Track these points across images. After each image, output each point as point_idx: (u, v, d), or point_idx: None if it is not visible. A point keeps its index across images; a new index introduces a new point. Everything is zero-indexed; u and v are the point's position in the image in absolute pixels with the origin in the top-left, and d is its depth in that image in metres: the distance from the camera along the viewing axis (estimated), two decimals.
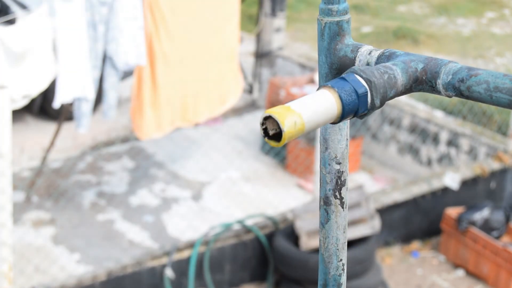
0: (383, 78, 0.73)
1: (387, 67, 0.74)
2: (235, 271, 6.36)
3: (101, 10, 5.92)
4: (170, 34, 6.48)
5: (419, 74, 0.75)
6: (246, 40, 9.94)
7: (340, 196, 0.85)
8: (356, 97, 0.71)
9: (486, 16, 13.89)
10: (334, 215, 0.86)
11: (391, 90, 0.74)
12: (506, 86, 0.70)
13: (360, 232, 6.10)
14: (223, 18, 6.98)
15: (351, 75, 0.72)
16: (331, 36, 0.78)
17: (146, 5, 6.26)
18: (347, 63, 0.78)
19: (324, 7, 0.77)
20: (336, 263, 0.88)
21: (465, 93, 0.72)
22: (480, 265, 6.70)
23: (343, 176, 0.85)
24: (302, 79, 8.60)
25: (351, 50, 0.78)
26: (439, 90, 0.74)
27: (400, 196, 6.93)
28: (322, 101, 0.70)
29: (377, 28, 13.00)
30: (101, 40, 5.99)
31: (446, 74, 0.74)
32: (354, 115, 0.72)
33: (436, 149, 8.17)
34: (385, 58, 0.76)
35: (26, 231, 6.82)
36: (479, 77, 0.72)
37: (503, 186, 7.53)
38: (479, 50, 11.88)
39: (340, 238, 0.86)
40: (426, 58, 0.75)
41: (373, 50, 0.77)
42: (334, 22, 0.78)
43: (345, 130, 0.82)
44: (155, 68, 6.49)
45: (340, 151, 0.83)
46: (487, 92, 0.71)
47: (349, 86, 0.71)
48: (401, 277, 6.72)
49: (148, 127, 6.59)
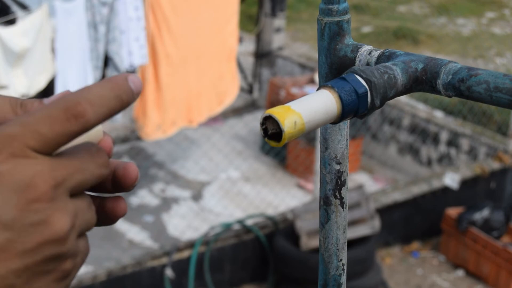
0: (383, 78, 0.72)
1: (387, 67, 0.74)
2: (235, 271, 6.36)
3: (102, 11, 5.92)
4: (172, 35, 6.49)
5: (419, 74, 0.75)
6: (246, 40, 9.94)
7: (340, 196, 0.85)
8: (356, 97, 0.71)
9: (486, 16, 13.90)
10: (334, 215, 0.86)
11: (391, 90, 0.74)
12: (506, 86, 0.70)
13: (360, 232, 6.11)
14: (223, 18, 6.99)
15: (351, 75, 0.72)
16: (331, 36, 0.78)
17: (148, 6, 6.27)
18: (347, 63, 0.78)
19: (324, 7, 0.77)
20: (336, 263, 0.87)
21: (465, 93, 0.72)
22: (480, 265, 6.70)
23: (343, 176, 0.85)
24: (302, 79, 8.60)
25: (351, 50, 0.78)
26: (439, 90, 0.74)
27: (400, 196, 6.93)
28: (322, 101, 0.70)
29: (377, 28, 13.00)
30: (102, 40, 5.99)
31: (446, 74, 0.74)
32: (354, 115, 0.72)
33: (436, 149, 8.18)
34: (385, 58, 0.76)
35: None
36: (479, 77, 0.72)
37: (503, 186, 7.53)
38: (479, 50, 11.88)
39: (340, 238, 0.86)
40: (426, 58, 0.75)
41: (373, 50, 0.77)
42: (334, 22, 0.78)
43: (345, 130, 0.82)
44: (158, 68, 6.50)
45: (340, 151, 0.83)
46: (487, 92, 0.71)
47: (349, 86, 0.71)
48: (401, 277, 6.72)
49: (152, 128, 6.60)
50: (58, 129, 0.56)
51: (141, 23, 6.12)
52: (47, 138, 0.56)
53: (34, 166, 0.56)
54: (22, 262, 0.55)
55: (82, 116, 0.57)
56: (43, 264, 0.57)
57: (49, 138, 0.56)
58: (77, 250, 0.59)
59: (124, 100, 0.59)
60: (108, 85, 0.59)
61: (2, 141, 0.56)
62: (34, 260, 0.56)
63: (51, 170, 0.56)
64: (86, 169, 0.59)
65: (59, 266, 0.58)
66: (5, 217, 0.55)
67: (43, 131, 0.56)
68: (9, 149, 0.55)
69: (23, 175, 0.55)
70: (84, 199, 0.59)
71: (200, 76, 6.86)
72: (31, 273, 0.56)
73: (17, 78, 5.62)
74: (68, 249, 0.57)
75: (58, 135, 0.57)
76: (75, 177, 0.58)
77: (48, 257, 0.57)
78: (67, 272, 0.58)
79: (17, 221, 0.55)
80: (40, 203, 0.55)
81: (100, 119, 0.58)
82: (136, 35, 6.11)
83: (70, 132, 0.57)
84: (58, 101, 0.57)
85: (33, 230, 0.55)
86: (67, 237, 0.57)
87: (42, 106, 0.58)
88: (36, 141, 0.56)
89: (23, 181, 0.55)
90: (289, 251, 6.10)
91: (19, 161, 0.55)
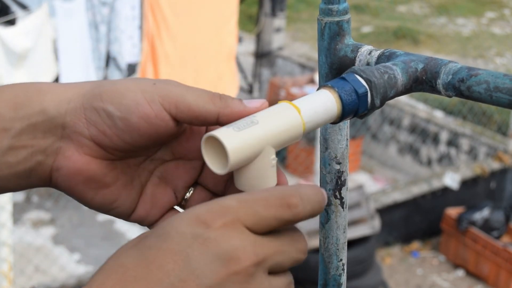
0: (383, 78, 0.72)
1: (387, 67, 0.74)
2: None
3: (102, 10, 5.92)
4: (171, 35, 6.49)
5: (419, 74, 0.75)
6: (246, 40, 9.94)
7: (340, 196, 0.85)
8: (356, 97, 0.71)
9: (486, 16, 13.90)
10: (334, 215, 0.86)
11: (391, 90, 0.74)
12: (506, 86, 0.70)
13: (360, 232, 6.11)
14: (222, 18, 6.99)
15: (351, 75, 0.72)
16: (331, 36, 0.78)
17: (147, 5, 6.27)
18: (347, 63, 0.78)
19: (324, 7, 0.77)
20: (336, 263, 0.87)
21: (465, 93, 0.72)
22: (480, 265, 6.70)
23: (343, 176, 0.85)
24: (302, 79, 8.61)
25: (351, 50, 0.78)
26: (439, 90, 0.74)
27: (400, 196, 6.93)
28: (322, 101, 0.70)
29: (377, 28, 13.00)
30: (104, 40, 5.99)
31: (446, 74, 0.74)
32: (354, 115, 0.72)
33: (436, 149, 8.18)
34: (385, 58, 0.76)
35: (26, 231, 6.82)
36: (479, 77, 0.72)
37: (503, 186, 7.53)
38: (479, 50, 11.89)
39: (340, 238, 0.86)
40: (426, 58, 0.75)
41: (373, 50, 0.77)
42: (334, 22, 0.78)
43: (345, 130, 0.83)
44: (158, 68, 6.50)
45: (340, 151, 0.83)
46: (487, 92, 0.71)
47: (349, 86, 0.71)
48: (401, 277, 6.72)
49: None
50: (272, 212, 0.60)
51: (136, 22, 6.12)
52: (261, 217, 0.59)
53: (240, 240, 0.58)
54: None
55: (295, 207, 0.60)
56: None
57: (262, 218, 0.59)
58: None
59: (319, 209, 0.62)
60: (316, 189, 0.63)
61: (219, 211, 0.59)
62: None
63: (255, 247, 0.59)
64: (287, 251, 0.61)
65: None
66: (206, 281, 0.57)
67: (258, 210, 0.59)
68: (223, 219, 0.58)
69: (229, 245, 0.58)
70: (281, 278, 0.62)
71: (199, 76, 6.86)
72: None
73: (19, 79, 5.62)
74: None
75: (271, 218, 0.60)
76: (275, 258, 0.60)
77: None
78: None
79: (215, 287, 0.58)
80: (239, 277, 0.58)
81: (306, 215, 0.61)
82: (131, 33, 6.11)
83: (281, 218, 0.60)
84: (275, 189, 0.61)
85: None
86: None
87: (259, 191, 0.62)
88: (249, 217, 0.59)
89: (228, 251, 0.58)
90: None
91: (228, 232, 0.58)
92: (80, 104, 0.67)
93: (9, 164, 0.68)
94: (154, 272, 0.57)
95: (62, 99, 0.68)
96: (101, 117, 0.67)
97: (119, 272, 0.58)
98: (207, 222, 0.58)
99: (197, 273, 0.57)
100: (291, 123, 0.66)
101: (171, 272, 0.57)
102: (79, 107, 0.67)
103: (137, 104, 0.66)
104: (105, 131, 0.67)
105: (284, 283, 0.62)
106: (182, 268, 0.57)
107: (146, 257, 0.58)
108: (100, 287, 0.57)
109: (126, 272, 0.58)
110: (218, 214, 0.58)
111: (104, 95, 0.67)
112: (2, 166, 0.68)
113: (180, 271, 0.57)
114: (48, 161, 0.69)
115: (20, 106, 0.67)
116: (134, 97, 0.66)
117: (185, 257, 0.57)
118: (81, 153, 0.69)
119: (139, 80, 0.68)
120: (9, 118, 0.67)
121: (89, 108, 0.67)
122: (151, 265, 0.57)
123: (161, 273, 0.57)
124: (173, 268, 0.57)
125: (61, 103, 0.68)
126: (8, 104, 0.67)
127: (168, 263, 0.57)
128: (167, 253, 0.58)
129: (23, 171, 0.68)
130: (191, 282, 0.57)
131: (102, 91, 0.67)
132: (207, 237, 0.57)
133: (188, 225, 0.58)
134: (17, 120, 0.67)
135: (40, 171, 0.69)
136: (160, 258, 0.58)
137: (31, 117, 0.67)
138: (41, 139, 0.68)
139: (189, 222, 0.58)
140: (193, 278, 0.57)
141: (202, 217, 0.58)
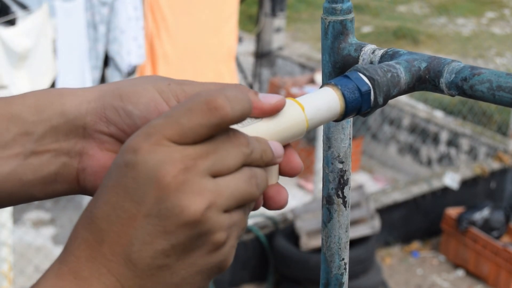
0: (386, 77, 0.73)
1: (390, 65, 0.74)
2: (235, 271, 6.36)
3: (102, 10, 5.92)
4: (171, 34, 6.49)
5: (422, 73, 0.75)
6: (246, 40, 9.94)
7: (343, 195, 0.86)
8: (359, 95, 0.71)
9: (486, 16, 13.90)
10: (337, 214, 0.86)
11: (394, 89, 0.74)
12: (508, 85, 0.71)
13: (360, 232, 6.11)
14: (222, 18, 6.98)
15: (355, 73, 0.72)
16: (334, 35, 0.79)
17: (146, 5, 6.27)
18: (351, 62, 0.78)
19: (328, 6, 0.77)
20: (338, 262, 0.88)
21: (468, 92, 0.73)
22: (480, 265, 6.70)
23: (345, 175, 0.85)
24: (302, 79, 8.61)
25: (355, 49, 0.78)
26: (442, 89, 0.74)
27: (400, 196, 6.93)
28: (325, 99, 0.70)
29: (377, 28, 13.00)
30: (102, 40, 5.99)
31: (449, 73, 0.74)
32: (357, 113, 0.72)
33: (436, 149, 8.18)
34: (388, 57, 0.76)
35: (26, 231, 6.82)
36: (482, 76, 0.72)
37: (503, 186, 7.53)
38: (479, 50, 11.89)
39: (342, 237, 0.86)
40: (429, 57, 0.75)
41: (376, 49, 0.77)
42: (338, 21, 0.78)
43: (348, 129, 0.83)
44: (156, 68, 6.50)
45: (343, 150, 0.83)
46: (490, 91, 0.71)
47: (352, 84, 0.71)
48: (401, 277, 6.72)
49: None
50: (197, 119, 0.59)
51: (139, 23, 6.13)
52: (187, 128, 0.59)
53: (166, 154, 0.58)
54: (167, 243, 0.59)
55: (221, 109, 0.59)
56: (189, 241, 0.59)
57: (188, 128, 0.59)
58: (226, 223, 0.60)
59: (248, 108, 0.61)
60: (242, 87, 0.63)
61: (145, 133, 0.59)
62: (179, 240, 0.59)
63: (182, 155, 0.59)
64: (222, 148, 0.61)
65: (208, 240, 0.60)
66: (145, 207, 0.58)
67: (181, 121, 0.59)
68: (149, 140, 0.59)
69: (155, 163, 0.58)
70: (233, 175, 0.61)
71: (198, 75, 6.85)
72: (179, 250, 0.60)
73: (20, 79, 5.62)
74: (211, 226, 0.59)
75: (197, 125, 0.59)
76: (209, 158, 0.60)
77: (191, 236, 0.59)
78: (219, 243, 0.61)
79: (154, 208, 0.58)
80: (171, 188, 0.58)
81: (236, 116, 0.60)
82: (135, 34, 6.11)
83: (209, 123, 0.59)
84: (198, 95, 0.60)
85: (170, 214, 0.58)
86: (205, 217, 0.59)
87: (184, 102, 0.61)
88: (175, 131, 0.59)
89: (155, 168, 0.58)
90: (289, 251, 6.10)
91: (154, 150, 0.58)
92: (100, 104, 0.70)
93: (33, 168, 0.69)
94: (102, 208, 0.59)
95: (82, 100, 0.70)
96: (120, 116, 0.69)
97: (84, 217, 0.61)
98: (135, 147, 0.59)
99: (136, 200, 0.58)
100: (295, 120, 0.66)
101: (115, 205, 0.59)
102: (100, 107, 0.70)
103: (156, 103, 0.68)
104: (125, 130, 0.69)
105: (235, 179, 0.61)
106: (123, 198, 0.59)
107: (96, 196, 0.61)
108: (72, 240, 0.60)
109: (85, 213, 0.61)
110: (143, 137, 0.59)
111: (124, 95, 0.69)
112: (26, 170, 0.69)
113: (123, 201, 0.59)
114: (73, 163, 0.71)
115: (41, 109, 0.69)
116: (153, 96, 0.68)
117: (124, 186, 0.59)
118: (103, 150, 0.71)
119: (155, 81, 0.70)
120: (32, 122, 0.69)
121: (109, 108, 0.69)
122: (98, 201, 0.60)
123: (107, 207, 0.59)
124: (116, 200, 0.59)
125: (82, 104, 0.70)
126: (30, 108, 0.69)
127: (112, 197, 0.59)
128: (110, 189, 0.59)
129: (48, 175, 0.70)
130: (133, 209, 0.58)
131: (121, 91, 0.70)
132: (135, 161, 0.58)
133: (120, 155, 0.60)
134: (39, 124, 0.69)
135: (66, 173, 0.71)
136: (105, 194, 0.60)
137: (53, 119, 0.69)
138: (63, 141, 0.70)
139: (122, 152, 0.60)
140: (134, 205, 0.58)
141: (132, 143, 0.59)
